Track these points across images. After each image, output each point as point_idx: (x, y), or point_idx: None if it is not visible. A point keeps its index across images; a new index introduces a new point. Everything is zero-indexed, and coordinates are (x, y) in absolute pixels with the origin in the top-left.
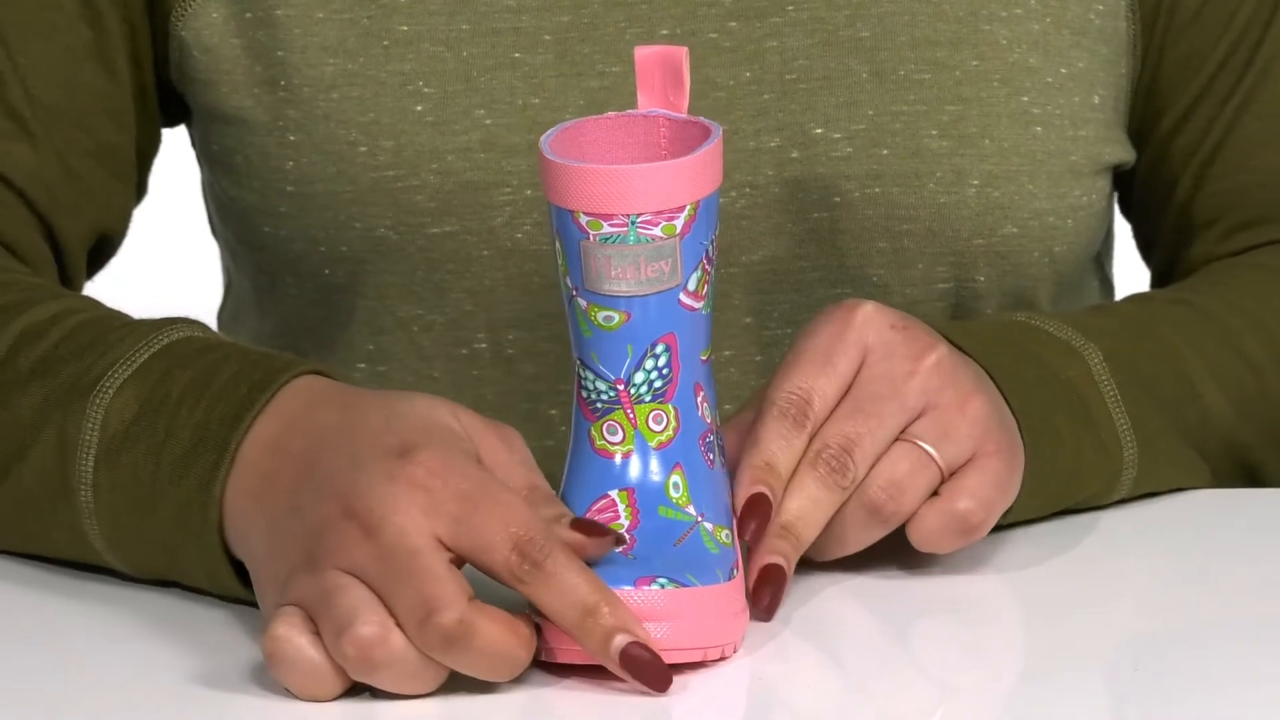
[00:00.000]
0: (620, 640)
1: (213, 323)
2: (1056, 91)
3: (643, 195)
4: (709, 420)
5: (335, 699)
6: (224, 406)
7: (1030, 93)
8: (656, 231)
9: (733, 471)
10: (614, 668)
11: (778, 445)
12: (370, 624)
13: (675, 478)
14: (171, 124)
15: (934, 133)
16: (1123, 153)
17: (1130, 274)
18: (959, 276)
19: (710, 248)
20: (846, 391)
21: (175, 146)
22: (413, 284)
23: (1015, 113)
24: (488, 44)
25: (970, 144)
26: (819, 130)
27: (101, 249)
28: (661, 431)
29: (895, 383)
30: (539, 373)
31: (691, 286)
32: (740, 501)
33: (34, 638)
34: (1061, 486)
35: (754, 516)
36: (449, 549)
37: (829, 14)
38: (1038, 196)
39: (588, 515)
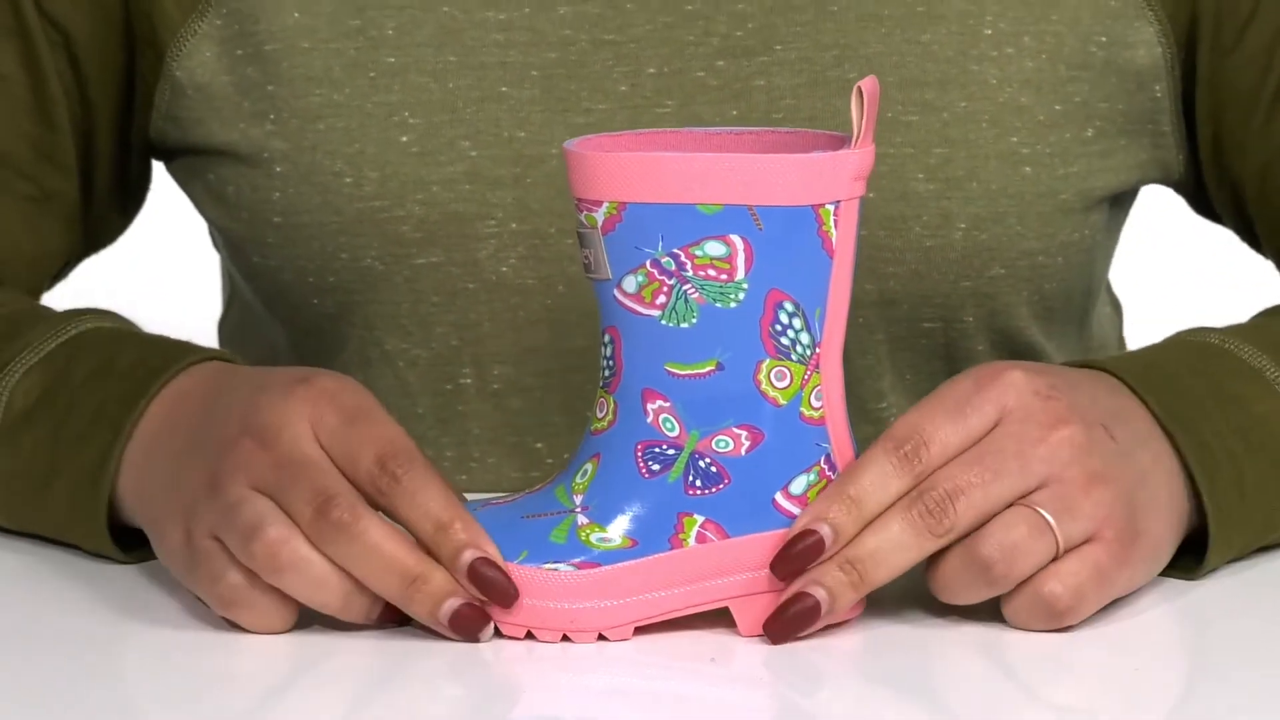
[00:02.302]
0: (469, 555)
1: (214, 333)
2: (1048, 129)
3: (575, 179)
4: (667, 433)
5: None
6: (123, 387)
7: (1020, 132)
8: (582, 218)
9: None
10: (462, 580)
11: (873, 480)
12: (275, 525)
13: (589, 466)
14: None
15: (921, 175)
16: (1116, 179)
17: (1132, 285)
18: (946, 317)
19: (665, 262)
20: (971, 447)
21: None
22: (399, 316)
23: (1004, 153)
24: (474, 76)
25: (957, 187)
26: None
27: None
28: (600, 419)
29: (1022, 446)
30: (525, 407)
31: (629, 289)
32: (792, 531)
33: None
34: (1251, 536)
35: (789, 553)
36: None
37: (816, 54)
38: (1026, 237)
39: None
